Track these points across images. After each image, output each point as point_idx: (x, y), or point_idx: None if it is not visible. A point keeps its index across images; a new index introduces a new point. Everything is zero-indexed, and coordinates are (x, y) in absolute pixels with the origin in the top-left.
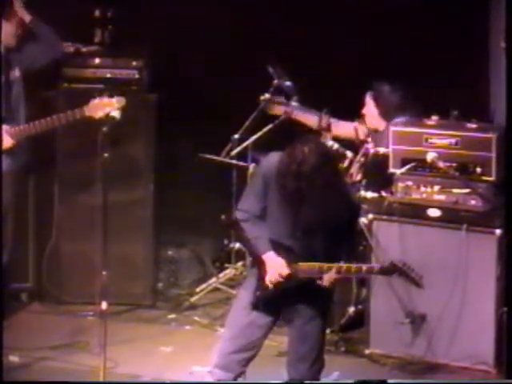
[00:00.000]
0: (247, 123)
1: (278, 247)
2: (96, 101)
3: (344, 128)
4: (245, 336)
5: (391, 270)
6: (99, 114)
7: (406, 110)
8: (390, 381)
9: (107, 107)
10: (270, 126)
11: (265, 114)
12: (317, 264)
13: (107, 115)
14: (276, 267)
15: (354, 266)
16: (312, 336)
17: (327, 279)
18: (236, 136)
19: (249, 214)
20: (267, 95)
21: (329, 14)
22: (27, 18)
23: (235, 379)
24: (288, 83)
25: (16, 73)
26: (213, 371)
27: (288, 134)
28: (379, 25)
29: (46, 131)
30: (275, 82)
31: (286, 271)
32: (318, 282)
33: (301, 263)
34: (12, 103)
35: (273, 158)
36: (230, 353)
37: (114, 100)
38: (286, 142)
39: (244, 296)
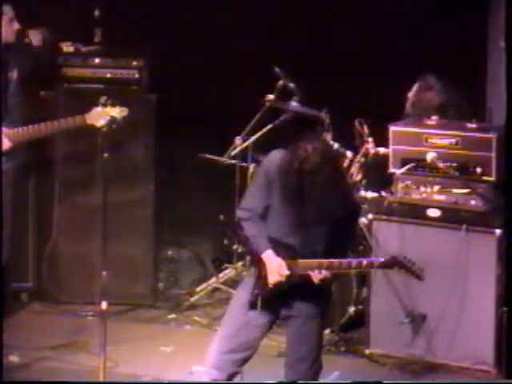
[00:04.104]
0: (252, 123)
1: (279, 244)
2: (98, 109)
3: None
4: (241, 336)
5: (392, 263)
6: (100, 123)
7: (442, 112)
8: (389, 381)
9: (109, 116)
10: (269, 126)
11: (265, 114)
12: (316, 261)
13: (109, 123)
14: (276, 268)
15: (354, 261)
16: (311, 336)
17: (316, 276)
18: (241, 136)
19: (251, 213)
20: (271, 96)
21: (329, 14)
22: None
23: (230, 379)
24: (291, 84)
25: (14, 74)
26: (208, 371)
27: (288, 134)
28: (379, 25)
29: (44, 136)
30: (280, 82)
31: (285, 272)
32: (314, 278)
33: (300, 260)
34: (8, 104)
35: (275, 156)
36: (226, 352)
37: (117, 109)
38: (286, 142)
39: (242, 295)
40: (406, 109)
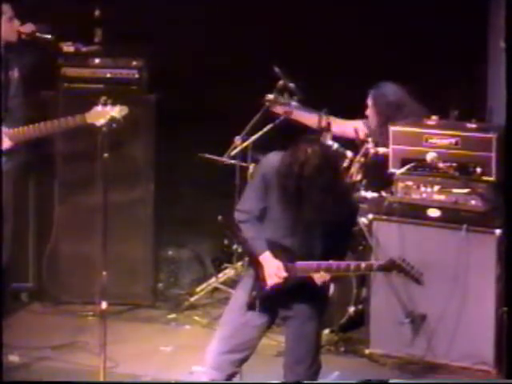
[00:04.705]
0: (251, 123)
1: (277, 246)
2: (98, 108)
3: (344, 126)
4: (239, 336)
5: (390, 267)
6: (101, 122)
7: (403, 111)
8: (390, 381)
9: (109, 115)
10: (269, 126)
11: (264, 114)
12: (314, 263)
13: (109, 121)
14: (274, 271)
15: (352, 263)
16: (309, 337)
17: (319, 278)
18: (240, 136)
19: (249, 215)
20: (271, 95)
21: (329, 14)
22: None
23: (229, 379)
24: (291, 84)
25: (15, 73)
26: (207, 371)
27: (288, 134)
28: (379, 25)
29: (44, 135)
30: (280, 82)
31: (283, 274)
32: (315, 280)
33: (299, 262)
34: (9, 104)
35: (273, 158)
36: (224, 353)
37: (117, 109)
38: (285, 142)
39: (240, 296)
40: (380, 122)
